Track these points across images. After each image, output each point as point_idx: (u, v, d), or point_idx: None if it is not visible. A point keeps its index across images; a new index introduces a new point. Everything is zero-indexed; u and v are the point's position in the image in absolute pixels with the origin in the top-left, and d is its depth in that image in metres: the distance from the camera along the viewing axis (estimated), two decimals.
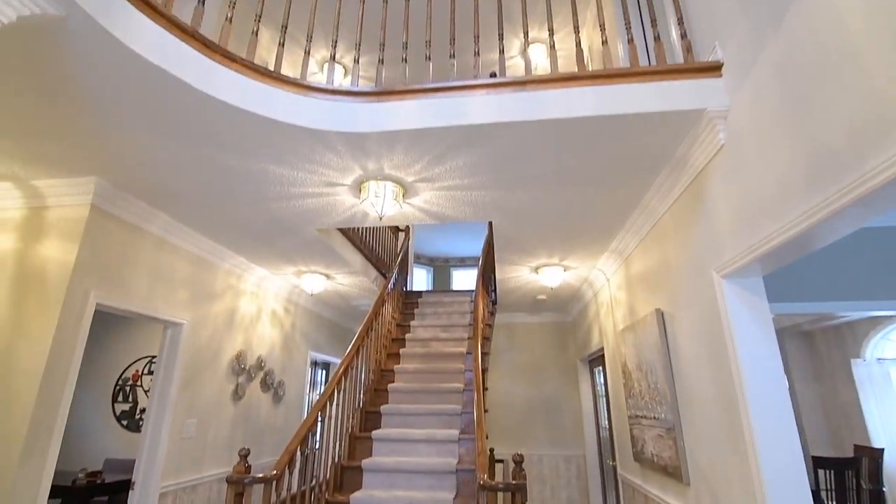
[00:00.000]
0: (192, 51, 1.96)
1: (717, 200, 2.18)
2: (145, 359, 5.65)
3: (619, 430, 4.09)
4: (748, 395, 1.95)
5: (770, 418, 1.90)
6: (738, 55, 1.97)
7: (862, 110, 1.33)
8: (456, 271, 11.49)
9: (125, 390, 5.58)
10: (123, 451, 5.28)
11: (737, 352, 2.02)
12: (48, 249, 2.75)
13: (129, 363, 5.66)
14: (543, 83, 2.17)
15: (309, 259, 4.18)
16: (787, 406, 1.92)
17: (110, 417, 5.48)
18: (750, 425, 1.92)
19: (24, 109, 2.12)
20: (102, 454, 5.29)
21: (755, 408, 1.92)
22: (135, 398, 5.53)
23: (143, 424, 3.36)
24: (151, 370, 5.57)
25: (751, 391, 1.95)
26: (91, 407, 5.51)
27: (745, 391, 1.96)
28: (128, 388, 5.58)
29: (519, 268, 4.41)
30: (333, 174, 2.65)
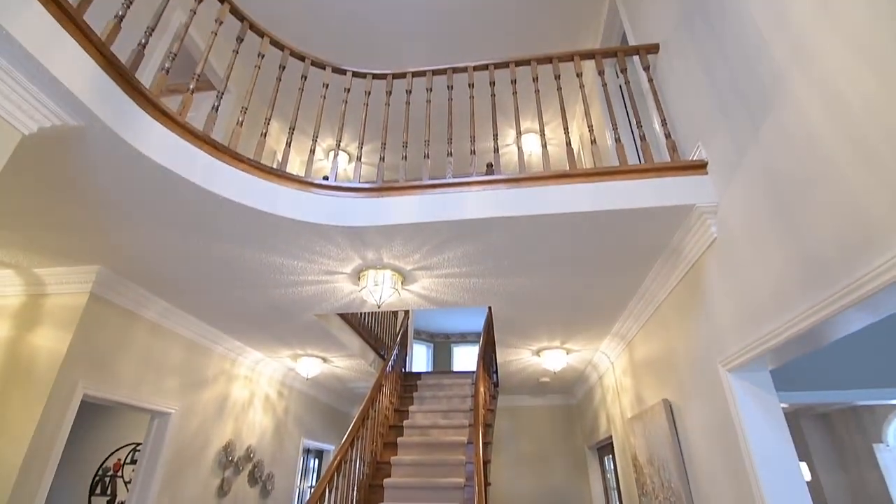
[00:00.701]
0: (202, 153, 2.06)
1: (716, 292, 2.18)
2: (129, 446, 5.36)
3: None
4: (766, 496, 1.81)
5: None
6: (722, 156, 2.06)
7: (845, 220, 1.37)
8: (457, 347, 11.26)
9: (104, 481, 5.22)
10: None
11: (750, 451, 1.91)
12: (40, 338, 2.72)
13: (112, 451, 5.36)
14: (537, 180, 2.26)
15: (306, 343, 4.11)
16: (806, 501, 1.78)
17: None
18: None
19: (35, 205, 2.19)
20: None
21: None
22: (114, 490, 5.16)
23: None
24: (135, 459, 5.26)
25: (769, 495, 1.82)
26: (67, 500, 5.13)
27: (763, 494, 1.82)
28: (108, 478, 5.23)
29: (520, 350, 4.32)
30: (333, 263, 2.68)
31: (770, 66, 1.68)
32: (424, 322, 10.70)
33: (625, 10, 3.26)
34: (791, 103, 1.57)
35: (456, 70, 2.84)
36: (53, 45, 1.51)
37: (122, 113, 1.76)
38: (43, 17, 1.48)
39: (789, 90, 1.58)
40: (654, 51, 2.71)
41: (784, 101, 1.61)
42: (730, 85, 1.97)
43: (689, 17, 2.33)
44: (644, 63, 2.66)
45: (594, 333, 3.87)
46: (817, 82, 1.45)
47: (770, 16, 1.67)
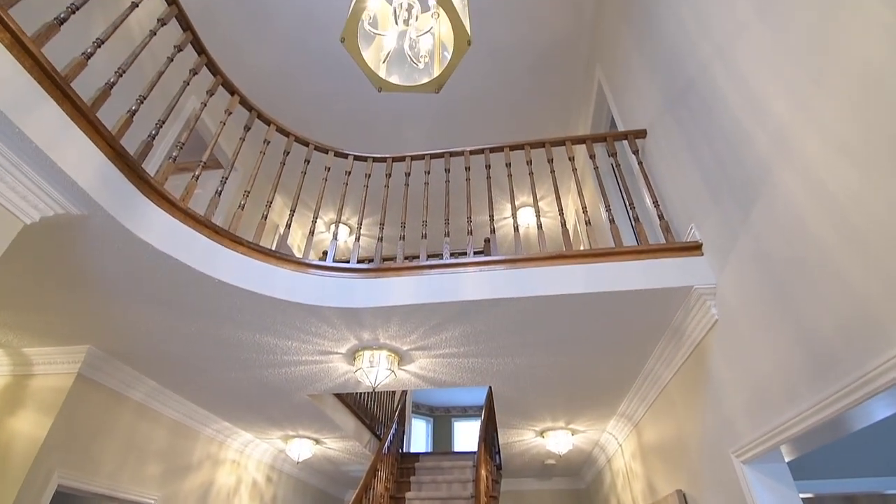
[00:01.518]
0: (202, 237, 2.09)
1: (723, 376, 2.10)
2: None
3: None
4: None
5: None
6: (715, 238, 2.08)
7: (843, 307, 1.35)
8: (458, 422, 10.76)
9: None
10: None
11: None
12: (21, 422, 2.60)
13: None
14: (533, 261, 2.27)
15: (298, 423, 3.93)
16: None
17: None
18: None
19: (30, 287, 2.19)
20: None
21: None
22: None
23: None
24: None
25: None
26: None
27: None
28: None
29: (523, 431, 4.11)
30: (328, 344, 2.62)
31: (753, 154, 1.74)
32: (424, 395, 10.33)
33: (612, 98, 3.45)
34: (777, 191, 1.61)
35: (453, 154, 2.96)
36: (64, 140, 1.57)
37: (125, 201, 1.81)
38: (56, 114, 1.56)
39: (774, 179, 1.62)
40: (642, 136, 2.83)
41: (770, 188, 1.65)
42: (717, 170, 2.03)
43: (672, 106, 2.45)
44: (633, 147, 2.77)
45: (599, 414, 3.70)
46: (801, 172, 1.49)
47: (749, 109, 1.75)
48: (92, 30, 2.94)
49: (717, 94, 1.97)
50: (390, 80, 1.31)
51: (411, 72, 1.32)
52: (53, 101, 1.55)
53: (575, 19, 3.65)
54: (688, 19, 2.22)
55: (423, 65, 1.32)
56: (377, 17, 1.22)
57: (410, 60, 1.28)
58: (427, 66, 1.33)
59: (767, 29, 1.62)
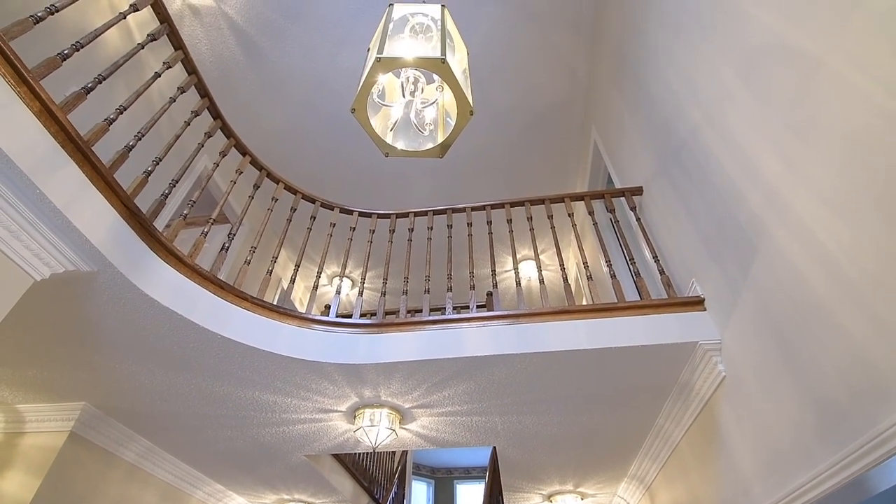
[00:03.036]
0: (207, 293, 2.11)
1: (734, 437, 2.03)
2: None
3: None
4: None
5: None
6: (717, 293, 2.09)
7: (848, 365, 1.34)
8: (460, 485, 10.25)
9: None
10: None
11: None
12: (7, 483, 2.49)
13: None
14: (535, 316, 2.27)
15: (293, 486, 3.75)
16: None
17: None
18: None
19: (30, 342, 2.18)
20: None
21: None
22: None
23: None
24: None
25: None
26: None
27: None
28: None
29: (529, 496, 3.91)
30: (328, 401, 2.57)
31: (747, 211, 1.79)
32: (425, 455, 9.91)
33: (608, 156, 3.58)
34: (774, 247, 1.64)
35: (455, 210, 3.03)
36: (81, 200, 1.64)
37: (135, 258, 1.85)
38: (76, 176, 1.62)
39: (770, 234, 1.66)
40: (639, 193, 2.92)
41: (767, 244, 1.68)
42: (713, 227, 2.08)
43: (666, 165, 2.55)
44: (630, 204, 2.84)
45: (609, 476, 3.53)
46: (794, 228, 1.53)
47: (740, 169, 1.82)
48: (114, 94, 3.12)
49: (709, 154, 2.06)
50: (397, 146, 1.38)
51: (416, 137, 1.39)
52: (74, 163, 1.63)
53: (570, 84, 3.86)
54: (676, 85, 2.35)
55: (427, 132, 1.40)
56: (385, 89, 1.30)
57: (416, 128, 1.35)
58: (432, 133, 1.41)
59: (752, 95, 1.72)
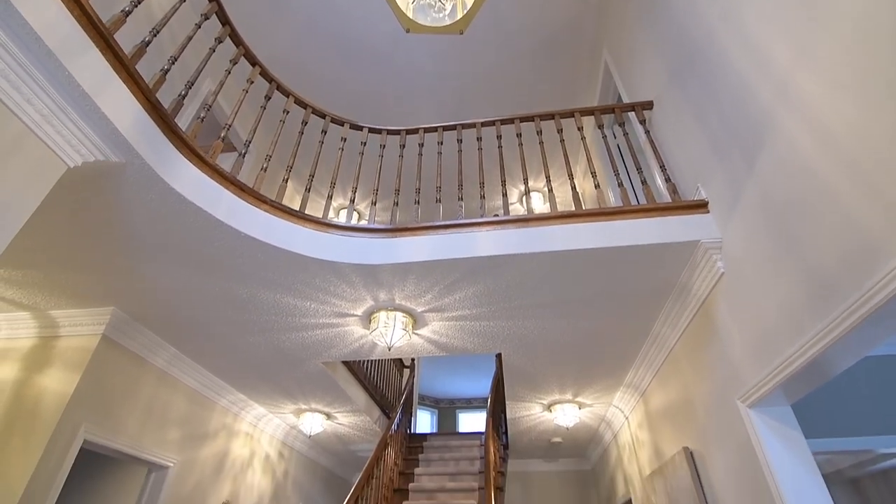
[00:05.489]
0: (229, 193, 2.18)
1: (729, 327, 2.18)
2: None
3: None
4: None
5: None
6: (721, 194, 2.17)
7: (844, 237, 1.43)
8: (462, 414, 10.85)
9: None
10: None
11: (779, 488, 1.82)
12: (48, 379, 2.70)
13: None
14: (544, 220, 2.36)
15: (311, 395, 4.01)
16: None
17: None
18: None
19: (62, 242, 2.28)
20: None
21: None
22: None
23: None
24: None
25: None
26: None
27: None
28: None
29: (530, 405, 4.19)
30: (345, 305, 2.71)
31: (757, 105, 1.83)
32: (429, 387, 10.42)
33: (618, 76, 3.54)
34: (781, 137, 1.69)
35: (465, 126, 3.05)
36: (106, 87, 1.67)
37: (159, 152, 1.90)
38: (100, 62, 1.65)
39: (778, 125, 1.71)
40: (649, 107, 2.92)
41: (775, 135, 1.73)
42: (723, 128, 2.12)
43: (677, 74, 2.54)
44: (640, 117, 2.85)
45: (607, 384, 3.78)
46: (803, 116, 1.58)
47: (752, 64, 1.84)
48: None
49: (723, 54, 2.06)
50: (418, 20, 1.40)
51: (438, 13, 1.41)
52: (98, 50, 1.65)
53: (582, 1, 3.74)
54: None
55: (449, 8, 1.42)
56: None
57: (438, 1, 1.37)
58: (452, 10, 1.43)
59: None
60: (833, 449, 2.71)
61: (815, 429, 2.69)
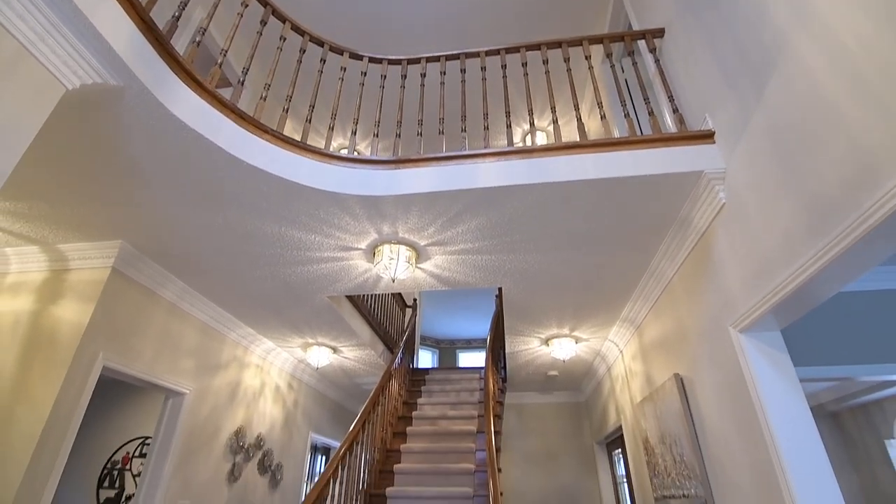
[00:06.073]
0: (229, 122, 2.16)
1: (725, 257, 2.23)
2: (138, 440, 5.38)
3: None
4: (783, 454, 1.84)
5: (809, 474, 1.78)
6: (729, 123, 2.14)
7: (847, 158, 1.44)
8: (462, 353, 11.25)
9: (112, 475, 5.23)
10: None
11: (765, 410, 1.94)
12: (63, 310, 2.79)
13: (120, 445, 5.38)
14: (549, 151, 2.34)
15: (317, 329, 4.16)
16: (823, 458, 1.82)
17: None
18: (788, 486, 1.79)
19: (66, 172, 2.28)
20: None
21: (792, 466, 1.80)
22: (122, 484, 5.17)
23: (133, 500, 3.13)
24: (143, 452, 5.28)
25: (785, 449, 1.84)
26: (74, 493, 5.13)
27: (778, 450, 1.85)
28: (115, 472, 5.24)
29: (529, 339, 4.35)
30: (349, 238, 2.75)
31: (772, 29, 1.77)
32: (430, 328, 10.74)
33: (629, 2, 3.38)
34: (793, 59, 1.65)
35: (468, 55, 2.95)
36: (99, 4, 1.61)
37: (157, 76, 1.86)
38: None
39: (792, 47, 1.66)
40: (660, 35, 2.81)
41: (787, 58, 1.69)
42: (735, 55, 2.05)
43: (690, 3, 2.43)
44: (650, 46, 2.76)
45: (604, 319, 3.90)
46: (817, 34, 1.53)
47: None
48: None
49: None
50: None
51: None
52: None
53: None
54: None
55: None
56: None
57: None
58: None
59: None
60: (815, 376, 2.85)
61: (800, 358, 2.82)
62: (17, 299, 2.91)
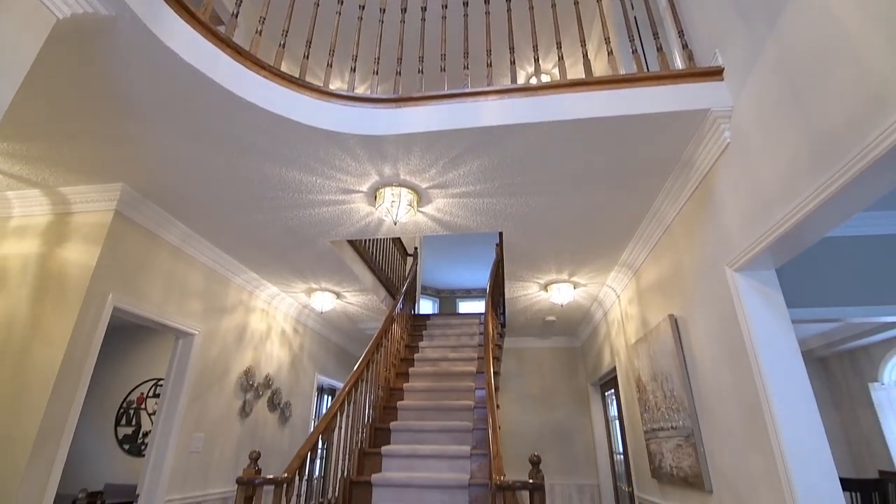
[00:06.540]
0: (224, 56, 2.09)
1: (726, 197, 2.24)
2: (151, 381, 5.61)
3: (634, 450, 3.98)
4: (770, 387, 1.93)
5: (793, 407, 1.88)
6: (739, 59, 2.08)
7: (856, 90, 1.41)
8: (462, 302, 11.48)
9: (129, 414, 5.50)
10: (124, 476, 5.15)
11: (755, 344, 2.02)
12: (70, 252, 2.82)
13: (134, 386, 5.62)
14: (553, 88, 2.29)
15: (320, 274, 4.23)
16: (808, 391, 1.91)
17: (112, 441, 5.38)
18: (773, 417, 1.89)
19: (62, 110, 2.24)
20: (103, 479, 5.16)
21: (778, 398, 1.90)
22: (138, 422, 5.45)
23: (151, 433, 3.31)
24: (157, 393, 5.52)
25: (772, 382, 1.93)
26: (93, 430, 5.42)
27: (766, 383, 1.94)
28: (131, 411, 5.51)
29: (528, 284, 4.43)
30: (350, 180, 2.74)
31: None
32: (431, 278, 10.89)
33: None
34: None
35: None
36: None
37: (149, 5, 1.79)
38: None
39: None
40: None
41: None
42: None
43: None
44: None
45: (602, 264, 3.96)
46: None
47: None
48: None
49: None
50: None
51: None
52: None
53: None
54: None
55: None
56: None
57: None
58: None
59: None
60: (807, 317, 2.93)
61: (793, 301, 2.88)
62: (23, 242, 2.95)
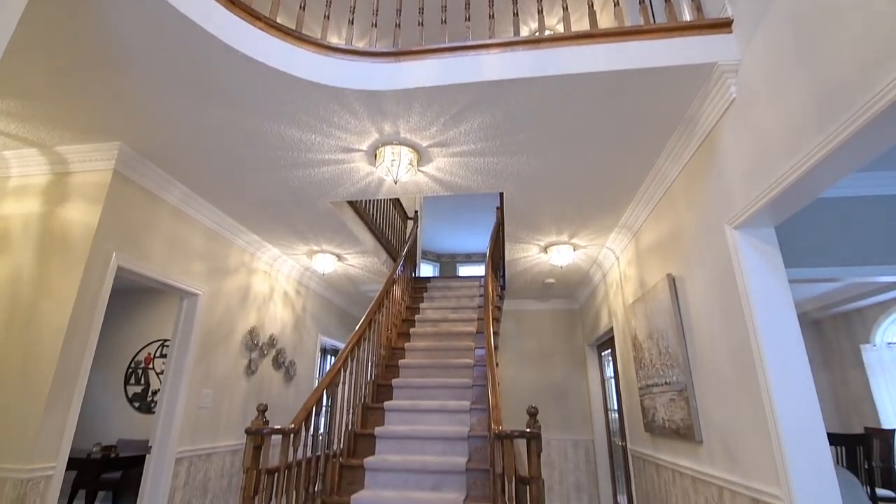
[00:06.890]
0: (219, 6, 2.03)
1: (729, 154, 2.22)
2: (157, 342, 5.73)
3: (629, 406, 4.11)
4: (763, 341, 1.98)
5: (785, 360, 1.93)
6: (749, 9, 2.02)
7: (867, 38, 1.38)
8: (462, 267, 11.55)
9: (137, 373, 5.65)
10: (135, 432, 5.34)
11: (751, 299, 2.05)
12: (72, 212, 2.83)
13: (142, 346, 5.74)
14: (557, 41, 2.23)
15: (321, 236, 4.24)
16: (800, 343, 1.96)
17: (122, 399, 5.55)
18: (763, 366, 1.95)
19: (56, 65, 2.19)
20: (114, 435, 5.35)
21: (769, 348, 1.95)
22: (147, 381, 5.60)
23: (160, 390, 3.42)
24: (164, 353, 5.64)
25: (766, 337, 1.98)
26: (104, 388, 5.58)
27: (760, 337, 1.99)
28: (140, 370, 5.65)
29: (528, 246, 4.45)
30: (350, 138, 2.71)
31: None
32: (431, 242, 10.91)
33: None
34: None
35: None
36: None
37: None
38: None
39: None
40: None
41: None
42: None
43: None
44: None
45: (603, 225, 3.96)
46: None
47: None
48: None
49: None
50: None
51: None
52: None
53: None
54: None
55: None
56: None
57: None
58: None
59: None
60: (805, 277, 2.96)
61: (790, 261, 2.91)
62: (23, 202, 2.94)
